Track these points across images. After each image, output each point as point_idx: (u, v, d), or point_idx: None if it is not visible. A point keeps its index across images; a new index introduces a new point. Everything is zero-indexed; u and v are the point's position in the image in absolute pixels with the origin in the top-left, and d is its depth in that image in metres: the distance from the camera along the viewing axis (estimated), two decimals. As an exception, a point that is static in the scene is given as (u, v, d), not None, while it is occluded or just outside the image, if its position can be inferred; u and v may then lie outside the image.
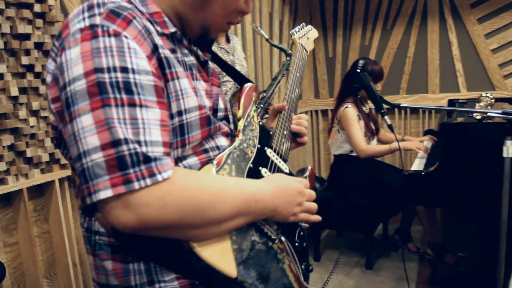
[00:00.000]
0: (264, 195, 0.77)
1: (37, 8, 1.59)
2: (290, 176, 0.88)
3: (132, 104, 0.63)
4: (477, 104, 2.51)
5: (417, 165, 2.68)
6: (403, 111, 3.93)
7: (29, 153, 1.57)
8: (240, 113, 0.90)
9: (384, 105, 1.62)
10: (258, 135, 0.92)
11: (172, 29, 0.76)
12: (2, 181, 1.51)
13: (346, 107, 2.84)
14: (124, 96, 0.63)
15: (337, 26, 4.15)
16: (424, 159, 2.77)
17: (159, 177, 0.63)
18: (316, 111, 4.33)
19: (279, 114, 1.06)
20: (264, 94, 1.75)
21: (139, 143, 0.62)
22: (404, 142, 2.83)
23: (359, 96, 2.89)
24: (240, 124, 0.89)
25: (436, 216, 2.74)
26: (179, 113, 0.72)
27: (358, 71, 2.78)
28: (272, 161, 0.94)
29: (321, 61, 4.28)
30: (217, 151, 0.81)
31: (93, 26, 0.65)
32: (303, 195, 0.86)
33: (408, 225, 2.94)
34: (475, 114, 2.17)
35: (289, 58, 1.86)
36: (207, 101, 0.79)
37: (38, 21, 1.60)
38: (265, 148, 0.93)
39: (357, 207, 2.84)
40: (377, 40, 4.01)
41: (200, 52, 0.83)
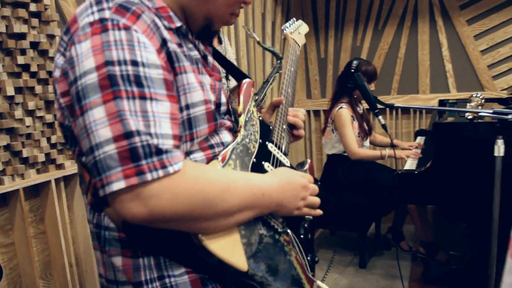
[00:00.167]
0: (271, 189, 0.78)
1: (33, 8, 1.59)
2: (294, 170, 0.89)
3: (143, 97, 0.64)
4: (468, 104, 2.55)
5: (410, 164, 2.72)
6: (395, 111, 3.97)
7: (25, 153, 1.56)
8: (241, 109, 0.91)
9: (378, 105, 1.65)
10: (259, 130, 0.93)
11: (178, 24, 0.76)
12: (-2, 181, 1.50)
13: (341, 108, 2.86)
14: (135, 89, 0.63)
15: (329, 27, 4.17)
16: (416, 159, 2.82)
17: (170, 169, 0.63)
18: (308, 112, 4.34)
19: (277, 109, 1.07)
20: (256, 97, 1.76)
21: (151, 135, 0.63)
22: (396, 150, 2.87)
23: (355, 96, 2.92)
24: (241, 120, 0.89)
25: (428, 215, 2.78)
26: (187, 107, 0.73)
27: (352, 72, 2.80)
28: (274, 156, 0.95)
29: (313, 62, 4.30)
30: (222, 147, 0.82)
31: (103, 20, 0.65)
32: (307, 190, 0.87)
33: (401, 224, 2.97)
34: (467, 114, 2.21)
35: (280, 61, 1.87)
36: (212, 96, 0.80)
37: (34, 21, 1.59)
38: (267, 143, 0.94)
39: (351, 207, 2.86)
40: (369, 41, 4.05)
41: (202, 46, 0.84)
